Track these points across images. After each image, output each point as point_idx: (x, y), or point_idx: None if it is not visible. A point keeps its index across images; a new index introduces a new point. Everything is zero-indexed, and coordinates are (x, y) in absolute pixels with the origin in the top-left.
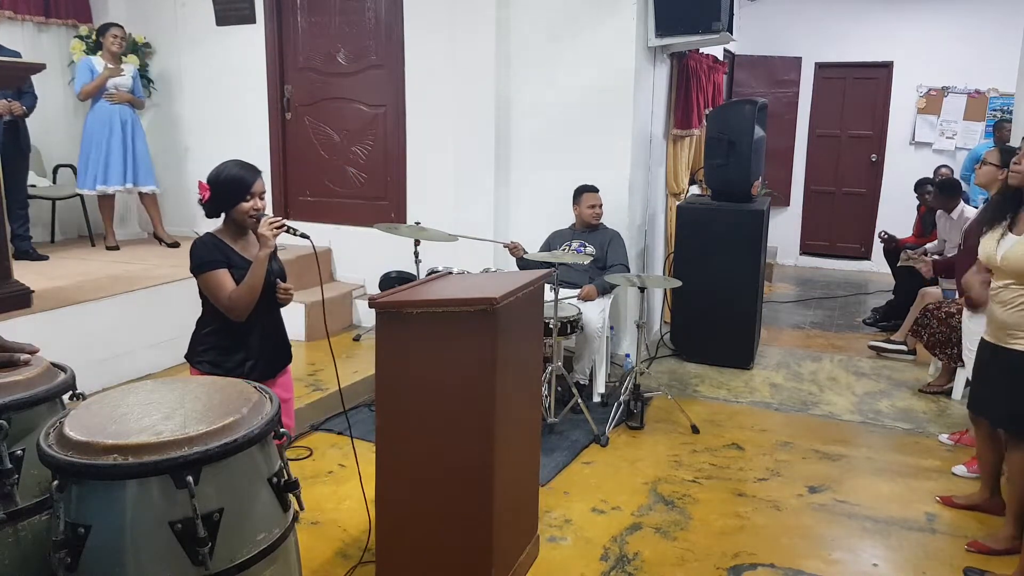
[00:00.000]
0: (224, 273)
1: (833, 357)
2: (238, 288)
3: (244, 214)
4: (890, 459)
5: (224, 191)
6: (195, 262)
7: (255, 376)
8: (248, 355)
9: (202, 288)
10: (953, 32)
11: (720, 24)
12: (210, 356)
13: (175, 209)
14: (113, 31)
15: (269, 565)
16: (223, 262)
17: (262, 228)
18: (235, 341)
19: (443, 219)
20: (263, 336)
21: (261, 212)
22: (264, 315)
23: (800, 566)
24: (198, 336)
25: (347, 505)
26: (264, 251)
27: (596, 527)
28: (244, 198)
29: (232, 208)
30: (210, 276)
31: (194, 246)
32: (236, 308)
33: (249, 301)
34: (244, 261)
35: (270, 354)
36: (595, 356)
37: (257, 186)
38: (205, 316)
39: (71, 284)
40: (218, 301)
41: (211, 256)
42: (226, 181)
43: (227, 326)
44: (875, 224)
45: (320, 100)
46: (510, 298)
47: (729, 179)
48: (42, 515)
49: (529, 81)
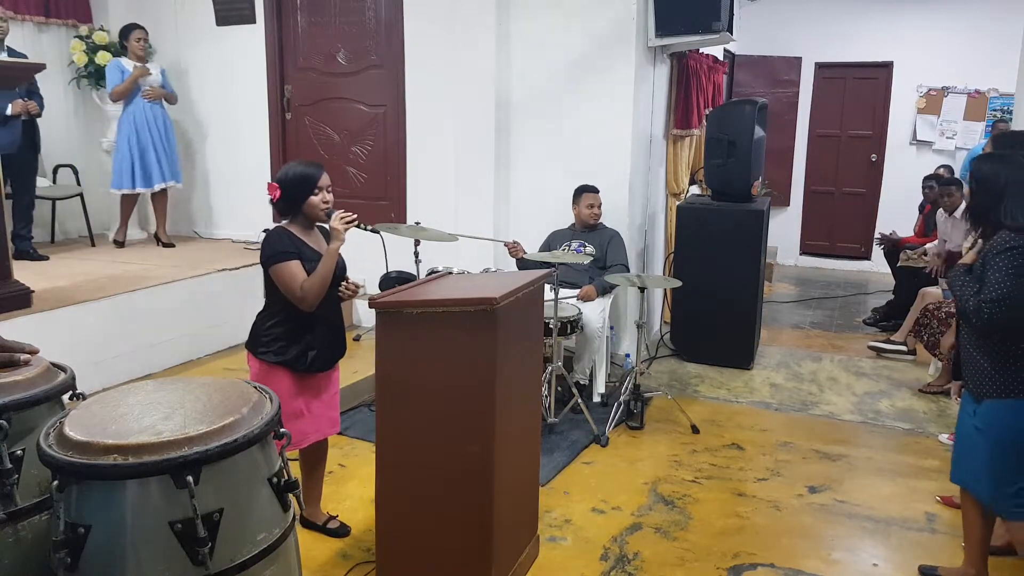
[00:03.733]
0: (297, 264)
1: (833, 357)
2: (310, 279)
3: (316, 208)
4: (890, 459)
5: (294, 188)
6: (268, 253)
7: (316, 366)
8: (312, 345)
9: (274, 279)
10: (953, 32)
11: (720, 24)
12: (275, 347)
13: (175, 209)
14: (136, 33)
15: (269, 565)
16: (295, 254)
17: (334, 222)
18: (300, 332)
19: (443, 219)
20: (326, 328)
21: (331, 206)
22: (327, 308)
23: (800, 566)
24: (261, 327)
25: (347, 505)
26: (336, 243)
27: (596, 527)
28: (313, 192)
29: (303, 203)
30: (284, 267)
31: (268, 238)
32: (308, 298)
33: (320, 291)
34: (315, 254)
35: (331, 346)
36: (595, 356)
37: (323, 180)
38: (270, 308)
39: (71, 284)
40: (291, 291)
41: (284, 247)
42: (295, 178)
43: (292, 317)
44: (875, 224)
45: (320, 100)
46: (510, 298)
47: (729, 179)
48: (42, 515)
49: (529, 81)
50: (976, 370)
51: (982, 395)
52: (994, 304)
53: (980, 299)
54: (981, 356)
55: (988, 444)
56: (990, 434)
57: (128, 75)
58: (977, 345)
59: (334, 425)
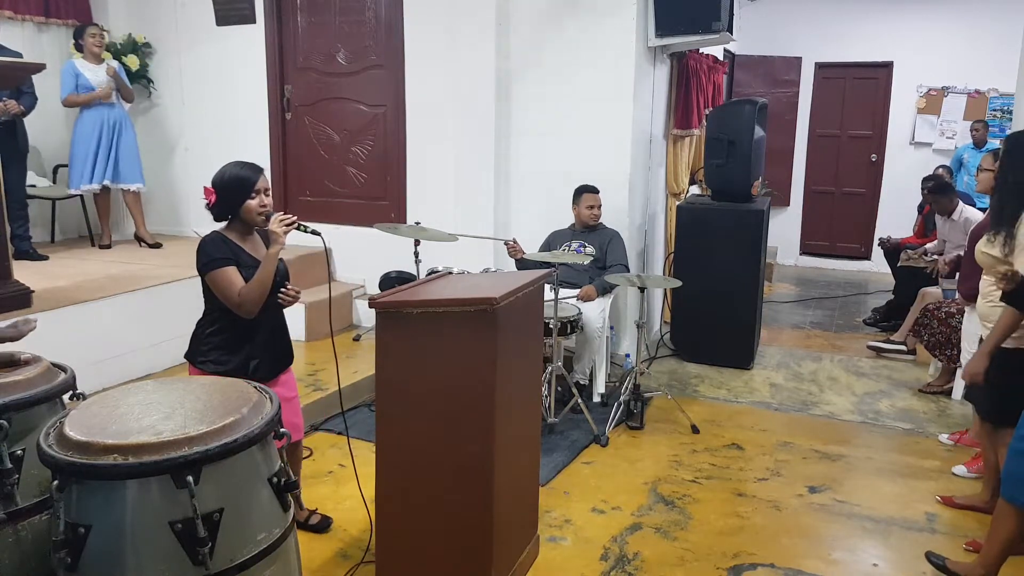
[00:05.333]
0: (233, 270)
1: (833, 357)
2: (248, 284)
3: (252, 212)
4: (890, 459)
5: (229, 192)
6: (203, 260)
7: (259, 376)
8: (252, 354)
9: (211, 286)
10: (953, 32)
11: (720, 24)
12: (214, 356)
13: (175, 209)
14: (91, 30)
15: (269, 565)
16: (231, 259)
17: (273, 225)
18: (240, 341)
19: (443, 219)
20: (267, 336)
21: (269, 209)
22: (268, 315)
23: (800, 566)
24: (200, 336)
25: (347, 505)
26: (275, 247)
27: (596, 527)
28: (250, 196)
29: (240, 207)
30: (220, 273)
31: (202, 244)
32: (246, 304)
33: (259, 297)
34: (252, 260)
35: (274, 354)
36: (595, 356)
37: (261, 183)
38: (209, 315)
39: (71, 284)
40: (228, 298)
41: (220, 253)
42: (230, 182)
43: (232, 325)
44: (875, 224)
45: (320, 100)
46: (510, 298)
47: (729, 179)
48: (42, 515)
49: (529, 81)
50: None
51: None
52: None
53: None
54: None
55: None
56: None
57: (82, 79)
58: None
59: (296, 431)
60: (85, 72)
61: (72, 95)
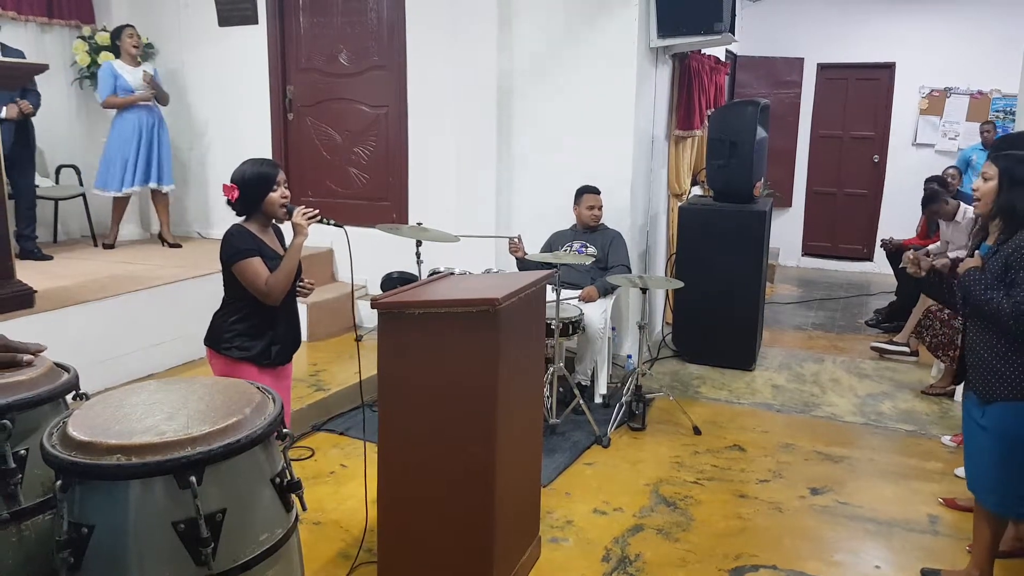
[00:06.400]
0: (259, 261)
1: (835, 358)
2: (274, 274)
3: (275, 204)
4: (892, 461)
5: (252, 187)
6: (230, 251)
7: (279, 360)
8: (275, 340)
9: (238, 276)
10: (955, 33)
11: (722, 25)
12: (238, 342)
13: (178, 209)
14: (127, 31)
15: (272, 565)
16: (256, 250)
17: (296, 217)
18: (263, 327)
19: (445, 220)
20: (286, 323)
21: (289, 202)
22: (286, 303)
23: (802, 568)
24: (223, 324)
25: (349, 505)
26: (300, 239)
27: (598, 528)
28: (272, 189)
29: (262, 201)
30: (247, 264)
31: (227, 237)
32: (272, 293)
33: (285, 287)
34: (272, 252)
35: (290, 339)
36: (597, 357)
37: (280, 177)
38: (232, 304)
39: (74, 284)
40: (255, 287)
41: (245, 245)
42: (252, 177)
43: (255, 313)
44: (877, 225)
45: (322, 101)
46: (512, 299)
47: (731, 180)
48: (45, 515)
49: (531, 82)
50: (986, 372)
51: (992, 397)
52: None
53: (1016, 300)
54: (992, 357)
55: (997, 446)
56: (999, 436)
57: (121, 79)
58: (988, 346)
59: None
60: (124, 74)
61: (111, 97)
